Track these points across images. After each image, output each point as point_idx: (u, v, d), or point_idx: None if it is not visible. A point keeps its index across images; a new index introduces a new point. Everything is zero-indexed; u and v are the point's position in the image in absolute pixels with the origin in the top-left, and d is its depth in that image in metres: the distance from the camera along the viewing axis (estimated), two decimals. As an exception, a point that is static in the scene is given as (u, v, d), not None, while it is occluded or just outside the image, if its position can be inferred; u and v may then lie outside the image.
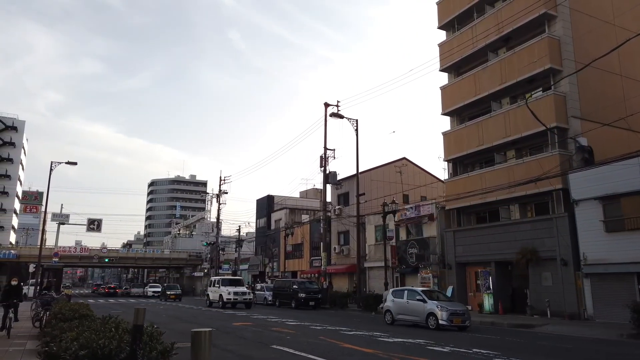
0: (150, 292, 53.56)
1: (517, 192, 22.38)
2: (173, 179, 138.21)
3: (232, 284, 29.67)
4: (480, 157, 26.25)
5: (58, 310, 9.89)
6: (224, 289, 28.34)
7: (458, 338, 13.36)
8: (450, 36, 28.52)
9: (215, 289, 29.60)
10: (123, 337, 4.39)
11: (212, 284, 31.14)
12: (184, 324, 17.07)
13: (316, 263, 39.16)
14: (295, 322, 17.86)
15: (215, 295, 29.53)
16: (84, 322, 6.33)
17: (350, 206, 36.37)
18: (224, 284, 29.23)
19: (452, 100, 27.52)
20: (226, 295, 27.88)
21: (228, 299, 27.90)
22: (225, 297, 27.87)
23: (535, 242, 21.48)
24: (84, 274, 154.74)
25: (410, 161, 38.54)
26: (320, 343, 11.81)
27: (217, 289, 29.36)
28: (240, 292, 28.44)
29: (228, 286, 28.83)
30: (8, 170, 77.61)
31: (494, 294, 22.81)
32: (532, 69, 22.72)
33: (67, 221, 52.71)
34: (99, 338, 4.33)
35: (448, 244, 26.26)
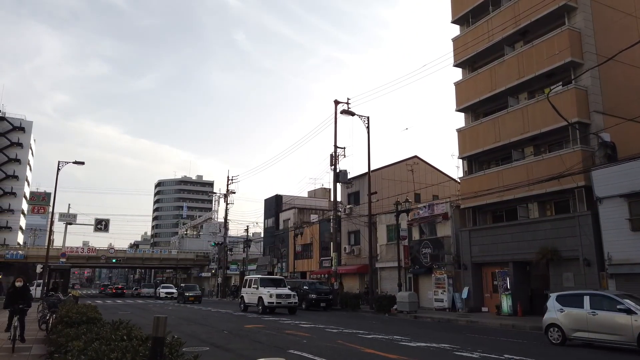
0: (163, 293, 48.13)
1: (536, 189, 21.66)
2: (180, 179, 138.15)
3: (273, 284, 25.21)
4: (496, 154, 25.51)
5: (65, 313, 9.36)
6: (264, 291, 23.85)
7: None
8: (464, 30, 27.80)
9: (253, 291, 25.08)
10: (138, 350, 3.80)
11: (247, 285, 26.44)
12: (199, 327, 16.49)
13: (326, 263, 38.55)
14: (308, 325, 17.25)
15: (252, 298, 25.11)
16: (92, 328, 5.77)
17: (361, 205, 35.74)
18: (264, 284, 24.77)
19: (466, 96, 26.80)
20: (267, 298, 23.33)
21: (270, 303, 23.28)
22: (266, 300, 23.35)
23: (556, 241, 20.72)
24: (91, 274, 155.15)
25: (421, 159, 37.84)
26: (340, 348, 11.19)
27: (254, 290, 24.86)
28: (284, 294, 23.71)
29: (269, 287, 24.36)
30: (16, 171, 77.63)
31: (512, 295, 22.09)
32: (551, 63, 21.96)
33: (75, 221, 52.56)
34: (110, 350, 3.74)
35: (463, 244, 25.55)
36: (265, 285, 24.63)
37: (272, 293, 23.40)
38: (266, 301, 23.28)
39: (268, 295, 23.35)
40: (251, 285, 25.63)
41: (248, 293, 25.75)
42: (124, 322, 6.06)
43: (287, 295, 23.75)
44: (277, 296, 23.36)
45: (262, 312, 23.19)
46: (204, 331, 15.17)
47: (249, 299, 25.57)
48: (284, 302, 23.51)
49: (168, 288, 49.79)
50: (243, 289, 26.89)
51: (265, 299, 23.38)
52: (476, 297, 24.64)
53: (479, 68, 26.56)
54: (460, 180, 27.00)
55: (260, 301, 23.85)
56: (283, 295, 23.62)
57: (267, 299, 23.30)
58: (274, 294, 23.34)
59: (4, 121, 78.13)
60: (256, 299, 24.36)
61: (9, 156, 77.19)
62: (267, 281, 25.62)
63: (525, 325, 17.60)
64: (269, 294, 23.40)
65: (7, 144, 77.55)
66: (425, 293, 27.47)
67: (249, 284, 26.00)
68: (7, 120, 78.60)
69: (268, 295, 23.38)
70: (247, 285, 26.25)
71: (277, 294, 23.43)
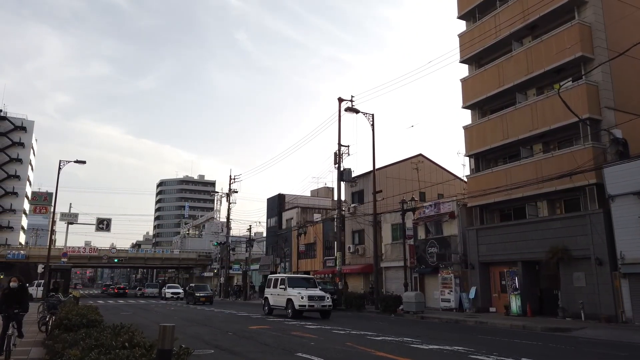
0: (168, 293, 45.20)
1: (545, 187, 21.23)
2: (182, 179, 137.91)
3: (303, 284, 22.27)
4: (504, 151, 25.10)
5: (64, 315, 8.98)
6: (294, 292, 20.96)
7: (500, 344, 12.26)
8: (470, 26, 27.37)
9: (280, 292, 22.13)
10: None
11: (272, 284, 23.46)
12: (198, 327, 16.12)
13: (329, 263, 38.16)
14: (314, 326, 16.83)
15: (278, 300, 22.23)
16: (91, 333, 5.37)
17: (365, 204, 35.33)
18: (292, 284, 21.77)
19: (473, 92, 26.36)
20: (298, 300, 20.37)
21: (301, 306, 20.25)
22: (297, 302, 20.38)
23: (566, 240, 20.28)
24: (93, 274, 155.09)
25: (426, 158, 37.42)
26: (350, 351, 10.78)
27: (281, 291, 21.94)
28: (317, 296, 20.84)
29: (299, 287, 21.50)
30: (17, 171, 77.43)
31: (521, 295, 21.66)
32: (561, 58, 21.52)
33: (76, 221, 52.23)
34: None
35: (470, 243, 25.11)
36: (295, 285, 21.68)
37: (304, 294, 20.41)
38: (297, 304, 20.34)
39: (299, 297, 20.40)
40: (277, 285, 22.61)
41: (274, 294, 22.84)
42: (126, 326, 5.66)
43: (320, 297, 20.77)
44: (309, 298, 20.40)
45: (292, 316, 20.43)
46: (208, 332, 14.77)
47: (274, 300, 22.73)
48: (317, 304, 20.51)
49: (174, 288, 47.52)
50: (267, 290, 24.01)
51: (295, 301, 20.45)
52: (484, 297, 24.21)
53: (486, 64, 26.12)
54: (467, 179, 26.57)
55: (289, 304, 20.99)
56: (316, 297, 20.71)
57: (298, 301, 20.35)
58: (305, 296, 20.36)
59: (5, 121, 77.93)
60: (284, 301, 21.55)
61: (10, 156, 76.98)
62: (296, 280, 22.71)
63: (537, 326, 17.15)
64: (299, 295, 20.47)
65: (9, 143, 77.35)
66: (431, 293, 27.05)
67: (275, 284, 22.99)
68: (9, 119, 78.39)
69: (299, 297, 20.42)
70: (273, 285, 23.27)
71: (309, 296, 20.49)
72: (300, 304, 20.25)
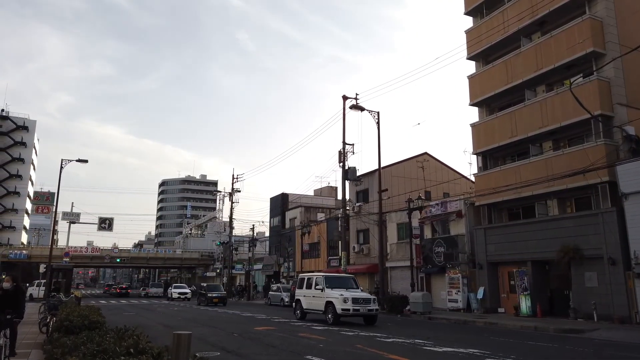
0: (175, 293, 43.03)
1: (556, 185, 20.80)
2: (184, 178, 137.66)
3: (343, 284, 19.18)
4: (512, 149, 24.66)
5: (65, 316, 8.60)
6: (334, 294, 17.93)
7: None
8: (477, 22, 26.95)
9: (316, 293, 19.14)
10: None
11: (304, 285, 20.39)
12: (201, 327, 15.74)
13: (334, 263, 37.75)
14: (322, 327, 16.45)
15: (314, 303, 19.25)
16: (93, 337, 5.00)
17: (370, 203, 34.93)
18: (331, 284, 18.84)
19: (481, 89, 25.94)
20: (340, 303, 17.41)
21: (345, 310, 17.31)
22: (339, 306, 17.41)
23: (577, 239, 19.84)
24: (95, 274, 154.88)
25: (432, 156, 36.99)
26: (361, 353, 10.39)
27: (318, 292, 18.95)
28: (362, 298, 17.89)
29: (338, 288, 18.57)
30: (19, 170, 77.16)
31: (531, 296, 21.25)
32: (572, 54, 21.08)
33: (78, 220, 51.95)
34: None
35: (478, 242, 24.69)
36: (334, 286, 18.78)
37: (347, 297, 17.52)
38: (339, 307, 17.40)
39: (341, 300, 17.48)
40: (312, 285, 19.61)
41: (307, 296, 19.83)
42: (130, 329, 5.29)
43: (365, 300, 17.84)
44: (353, 301, 17.46)
45: (332, 322, 17.54)
46: (212, 333, 14.40)
47: (308, 303, 19.72)
48: (362, 309, 17.49)
49: (181, 288, 45.38)
50: (299, 291, 20.81)
51: (337, 305, 17.49)
52: (492, 297, 23.79)
53: (494, 61, 25.69)
54: (475, 177, 26.15)
55: (329, 307, 17.97)
56: (361, 299, 17.73)
57: (340, 304, 17.43)
58: (349, 298, 17.45)
59: (7, 120, 77.73)
60: (321, 304, 18.58)
61: (12, 155, 76.75)
62: (335, 280, 19.68)
63: (549, 327, 16.74)
64: (342, 298, 17.53)
65: (11, 143, 77.14)
66: (438, 293, 26.63)
67: (309, 284, 19.98)
68: (11, 119, 78.19)
69: (341, 299, 17.48)
70: (306, 286, 20.20)
71: (354, 298, 17.55)
72: (344, 307, 17.30)
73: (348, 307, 17.33)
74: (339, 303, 17.46)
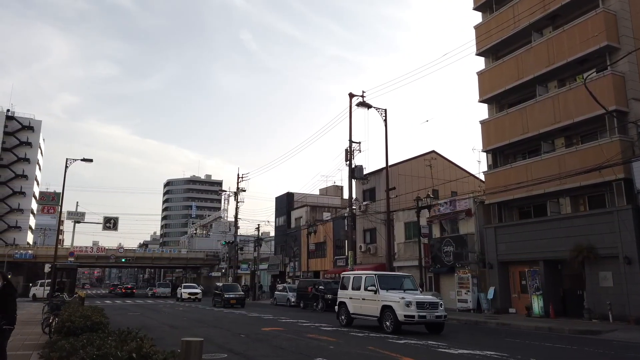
0: (185, 294, 40.36)
1: (569, 183, 20.32)
2: (189, 178, 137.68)
3: (399, 284, 16.00)
4: (523, 146, 24.17)
5: (67, 317, 8.28)
6: (394, 296, 14.69)
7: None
8: (487, 17, 26.47)
9: (367, 295, 15.82)
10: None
11: (350, 285, 17.15)
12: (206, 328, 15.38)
13: (340, 262, 37.37)
14: (331, 328, 16.07)
15: (365, 307, 15.93)
16: (93, 340, 4.65)
17: (377, 202, 34.53)
18: (386, 285, 15.60)
19: (490, 85, 25.47)
20: (403, 308, 14.12)
21: (408, 317, 14.05)
22: (401, 311, 14.14)
23: (591, 238, 19.35)
24: (101, 274, 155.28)
25: (439, 154, 36.51)
26: (374, 356, 10.00)
27: (370, 294, 15.65)
28: (428, 302, 14.54)
29: (394, 289, 15.41)
30: (25, 170, 77.25)
31: (543, 296, 20.77)
32: (585, 48, 20.59)
33: (83, 219, 51.82)
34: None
35: (488, 242, 24.23)
36: (389, 286, 15.57)
37: (410, 300, 14.22)
38: (401, 314, 14.10)
39: (403, 305, 14.15)
40: (361, 286, 16.31)
41: (355, 298, 16.51)
42: (133, 332, 4.93)
43: (432, 305, 14.51)
44: (418, 305, 14.16)
45: (392, 331, 14.29)
46: (219, 335, 14.07)
47: (357, 307, 16.40)
48: (429, 315, 14.24)
49: (191, 288, 42.83)
50: (343, 292, 17.46)
51: (399, 310, 14.17)
52: (503, 297, 23.32)
53: (504, 56, 25.21)
54: (485, 175, 25.67)
55: (386, 313, 14.71)
56: (426, 304, 14.41)
57: (402, 309, 14.13)
58: (412, 302, 14.15)
59: (13, 120, 77.84)
60: (375, 309, 15.28)
61: (18, 155, 76.85)
62: (390, 280, 16.29)
63: (563, 328, 16.28)
64: (404, 302, 14.19)
65: (17, 143, 77.23)
66: (447, 293, 26.16)
67: (357, 285, 16.69)
68: (16, 119, 78.31)
69: (403, 304, 14.16)
70: (353, 287, 16.93)
71: (418, 302, 14.27)
72: (407, 314, 14.03)
73: (412, 312, 14.04)
74: (401, 308, 14.17)
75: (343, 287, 17.76)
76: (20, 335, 13.02)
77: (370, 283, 15.95)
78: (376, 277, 15.97)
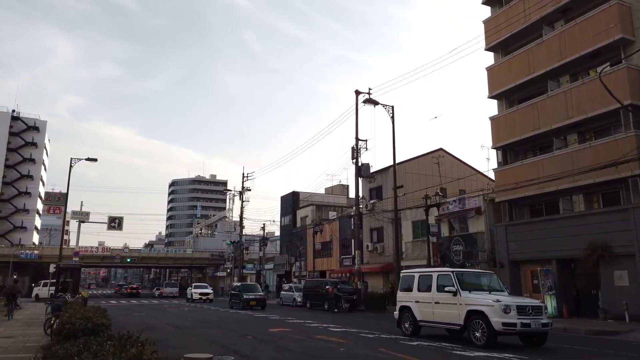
0: (196, 294, 38.62)
1: (582, 180, 19.82)
2: (193, 178, 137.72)
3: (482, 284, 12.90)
4: (534, 143, 23.68)
5: (67, 318, 7.91)
6: (485, 299, 11.66)
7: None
8: (496, 11, 25.97)
9: (442, 298, 12.64)
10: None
11: (416, 285, 13.85)
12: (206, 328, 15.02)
13: (346, 262, 36.98)
14: (339, 328, 15.68)
15: (442, 313, 12.66)
16: (90, 345, 4.27)
17: (384, 201, 34.09)
18: (467, 285, 12.57)
19: (500, 81, 24.97)
20: (499, 314, 11.06)
21: (508, 326, 10.99)
22: (498, 319, 11.03)
23: (606, 236, 18.84)
24: (107, 274, 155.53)
25: (447, 152, 36.03)
26: (386, 358, 9.59)
27: (447, 296, 12.44)
28: (531, 306, 11.62)
29: (478, 290, 12.44)
30: (30, 171, 77.35)
31: (557, 295, 20.28)
32: (598, 41, 20.08)
33: (88, 219, 51.75)
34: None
35: (499, 240, 23.74)
36: (471, 286, 12.52)
37: (509, 304, 11.21)
38: (499, 320, 10.98)
39: (499, 309, 11.08)
40: (432, 287, 13.08)
41: (425, 302, 13.22)
42: (134, 336, 4.55)
43: (535, 309, 11.53)
44: (518, 310, 11.16)
45: (485, 344, 11.10)
46: (223, 335, 13.72)
47: (425, 313, 13.16)
48: (534, 322, 11.21)
49: (202, 288, 41.04)
50: (404, 295, 14.26)
51: (494, 317, 11.07)
52: (514, 297, 22.80)
53: (513, 51, 24.71)
54: (495, 172, 25.16)
55: (474, 321, 11.51)
56: (529, 308, 11.45)
57: (498, 315, 11.04)
58: (512, 307, 11.14)
59: (18, 121, 77.97)
60: (455, 316, 12.07)
61: (23, 156, 76.96)
62: (471, 278, 13.30)
63: (579, 328, 15.79)
64: (500, 305, 11.13)
65: (22, 143, 77.35)
66: (456, 293, 25.68)
67: (424, 285, 13.50)
68: (22, 119, 78.43)
69: (499, 308, 11.10)
70: (419, 287, 13.69)
71: (519, 306, 11.31)
72: (506, 321, 10.93)
73: (512, 320, 10.96)
74: (496, 314, 11.04)
75: (405, 288, 14.56)
76: (22, 337, 12.73)
77: (445, 282, 12.73)
78: (454, 274, 12.77)
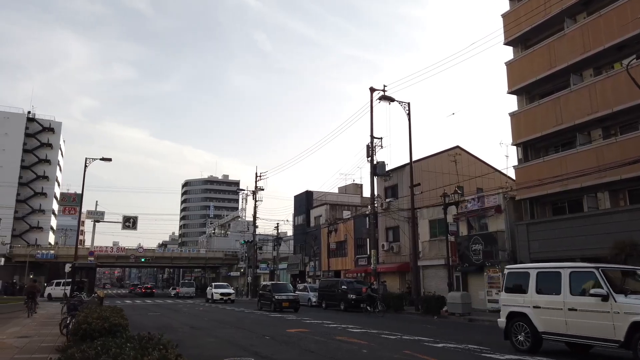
0: (217, 294, 36.75)
1: (608, 177, 19.16)
2: (206, 179, 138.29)
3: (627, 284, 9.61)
4: (556, 139, 23.02)
5: (83, 318, 7.66)
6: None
7: (581, 353, 10.42)
8: (515, 5, 25.35)
9: (581, 304, 9.33)
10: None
11: (531, 287, 10.47)
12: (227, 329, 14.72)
13: (362, 262, 36.54)
14: (359, 329, 15.28)
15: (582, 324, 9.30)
16: (109, 347, 3.95)
17: (400, 199, 33.58)
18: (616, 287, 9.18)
19: (520, 76, 24.35)
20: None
21: None
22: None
23: (634, 234, 18.15)
24: (121, 274, 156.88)
25: (464, 150, 35.40)
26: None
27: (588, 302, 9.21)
28: None
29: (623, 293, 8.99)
30: (46, 172, 78.03)
31: (582, 296, 19.60)
32: (624, 33, 19.39)
33: (102, 219, 51.95)
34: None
35: (520, 239, 23.12)
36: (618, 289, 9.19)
37: None
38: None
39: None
40: (563, 288, 9.82)
41: (552, 309, 9.94)
42: (155, 337, 4.22)
43: None
44: None
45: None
46: (242, 336, 13.40)
47: (554, 323, 9.84)
48: None
49: (223, 288, 39.24)
50: (513, 297, 10.96)
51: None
52: (536, 297, 22.17)
53: (534, 45, 24.08)
54: (515, 169, 24.53)
55: None
56: None
57: None
58: None
59: (33, 122, 78.73)
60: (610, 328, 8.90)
61: (39, 157, 77.67)
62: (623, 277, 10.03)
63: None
64: None
65: (37, 144, 78.07)
66: (476, 293, 25.10)
67: (548, 286, 10.24)
68: (37, 121, 79.19)
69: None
70: (538, 289, 10.42)
71: None
72: None
73: None
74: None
75: (513, 288, 11.11)
76: (38, 337, 12.56)
77: (584, 282, 9.54)
78: (600, 272, 9.36)
